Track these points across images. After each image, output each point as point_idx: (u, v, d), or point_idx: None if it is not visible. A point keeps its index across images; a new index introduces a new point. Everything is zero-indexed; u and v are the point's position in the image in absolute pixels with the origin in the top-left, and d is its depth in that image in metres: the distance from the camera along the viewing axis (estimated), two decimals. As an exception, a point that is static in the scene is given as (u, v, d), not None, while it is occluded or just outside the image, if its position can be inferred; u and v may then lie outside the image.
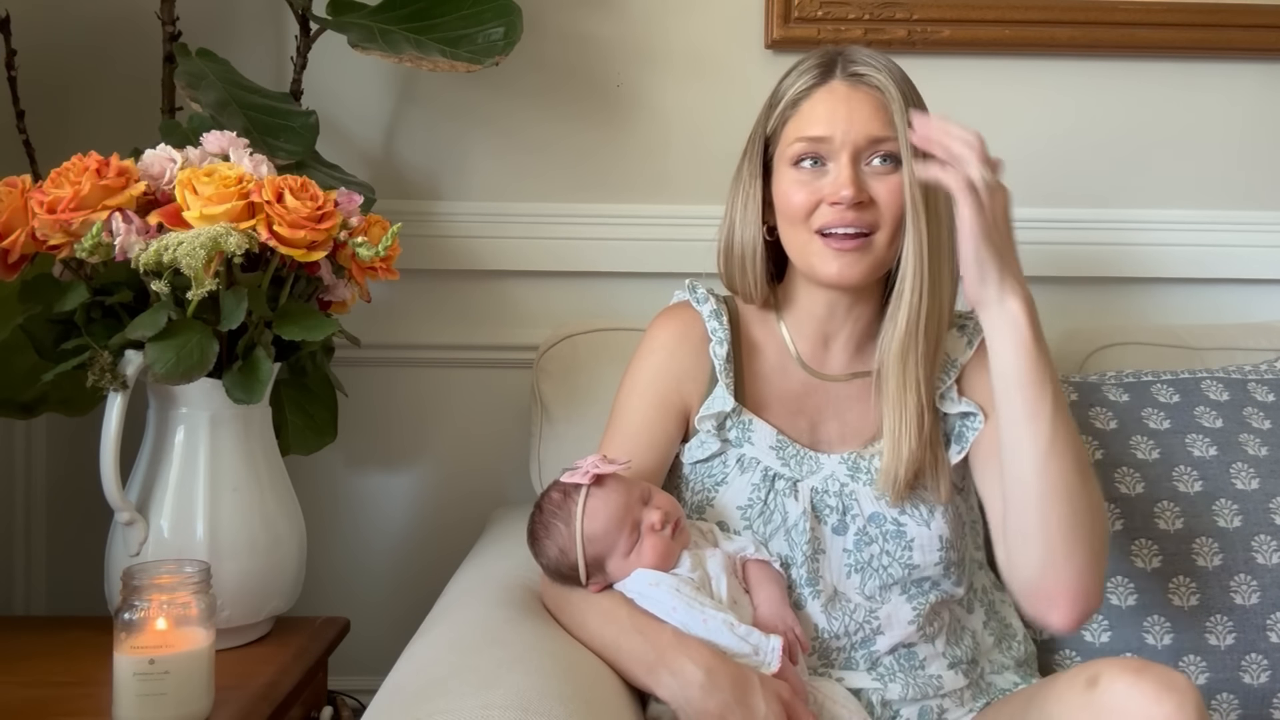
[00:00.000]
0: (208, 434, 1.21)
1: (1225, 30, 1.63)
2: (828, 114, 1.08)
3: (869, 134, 1.06)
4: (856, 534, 1.10)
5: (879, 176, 1.07)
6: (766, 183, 1.15)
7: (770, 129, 1.14)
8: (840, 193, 1.05)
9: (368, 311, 1.54)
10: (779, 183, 1.12)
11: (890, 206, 1.07)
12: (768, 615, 1.04)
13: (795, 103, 1.11)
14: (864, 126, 1.06)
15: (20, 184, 1.16)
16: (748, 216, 1.15)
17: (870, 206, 1.07)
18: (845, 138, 1.06)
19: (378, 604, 1.63)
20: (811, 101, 1.10)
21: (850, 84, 1.08)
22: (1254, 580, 1.25)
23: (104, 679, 1.03)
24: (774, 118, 1.13)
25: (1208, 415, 1.36)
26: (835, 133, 1.07)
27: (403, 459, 1.66)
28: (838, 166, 1.07)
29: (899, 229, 1.08)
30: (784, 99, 1.12)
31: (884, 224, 1.07)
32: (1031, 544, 1.00)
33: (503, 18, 1.41)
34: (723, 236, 1.17)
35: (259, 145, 1.29)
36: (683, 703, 0.94)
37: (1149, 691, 0.84)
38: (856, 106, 1.07)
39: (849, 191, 1.05)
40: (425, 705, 0.83)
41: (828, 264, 1.08)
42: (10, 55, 1.43)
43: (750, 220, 1.15)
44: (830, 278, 1.09)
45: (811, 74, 1.10)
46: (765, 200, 1.15)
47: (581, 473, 1.05)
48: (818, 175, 1.08)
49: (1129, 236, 1.65)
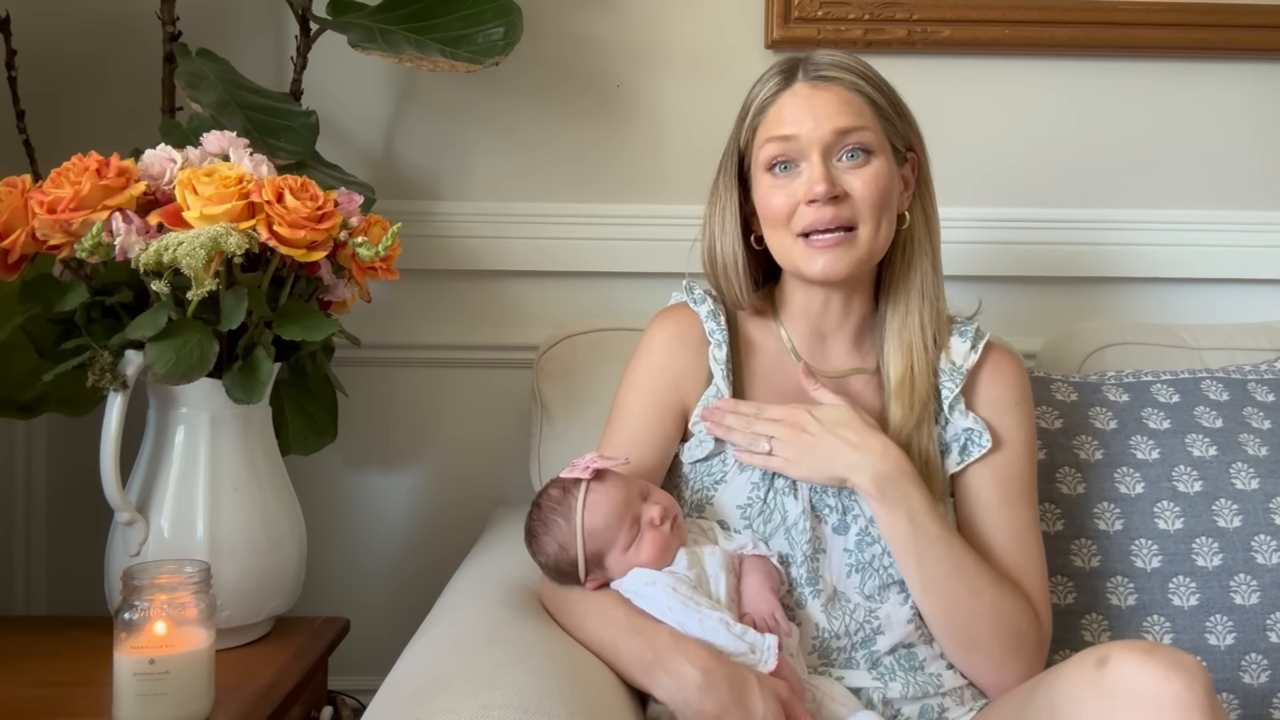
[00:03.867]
0: (208, 434, 1.21)
1: (1225, 30, 1.63)
2: (793, 114, 1.09)
3: (835, 127, 1.08)
4: (859, 534, 1.10)
5: (851, 170, 1.09)
6: (746, 195, 1.16)
7: (743, 141, 1.16)
8: (814, 189, 1.07)
9: (368, 311, 1.54)
10: (757, 190, 1.14)
11: (866, 198, 1.08)
12: (748, 600, 1.04)
13: (763, 109, 1.13)
14: (829, 121, 1.08)
15: (20, 184, 1.16)
16: (726, 229, 1.17)
17: (846, 200, 1.08)
18: (812, 134, 1.08)
19: (378, 604, 1.63)
20: (777, 105, 1.11)
21: (812, 84, 1.10)
22: (1254, 580, 1.25)
23: (104, 679, 1.03)
24: (744, 128, 1.15)
25: (1208, 415, 1.36)
26: (801, 130, 1.08)
27: (403, 459, 1.66)
28: (809, 165, 1.08)
29: (881, 218, 1.09)
30: (752, 108, 1.14)
31: (863, 217, 1.09)
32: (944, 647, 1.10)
33: (503, 18, 1.41)
34: (704, 249, 1.19)
35: (259, 145, 1.29)
36: (680, 704, 0.94)
37: (1159, 671, 0.84)
38: (820, 103, 1.09)
39: (822, 187, 1.06)
40: (425, 705, 0.83)
41: (812, 262, 1.10)
42: (10, 55, 1.43)
43: (729, 232, 1.16)
44: (816, 275, 1.10)
45: (775, 81, 1.13)
46: (750, 211, 1.16)
47: (581, 468, 1.05)
48: (792, 178, 1.10)
49: (1129, 236, 1.65)
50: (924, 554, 1.06)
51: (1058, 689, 0.91)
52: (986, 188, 1.65)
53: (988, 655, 1.07)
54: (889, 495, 1.06)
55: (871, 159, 1.09)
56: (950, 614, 1.07)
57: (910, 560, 1.06)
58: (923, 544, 1.06)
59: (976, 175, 1.64)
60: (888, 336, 1.16)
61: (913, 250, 1.16)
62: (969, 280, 1.51)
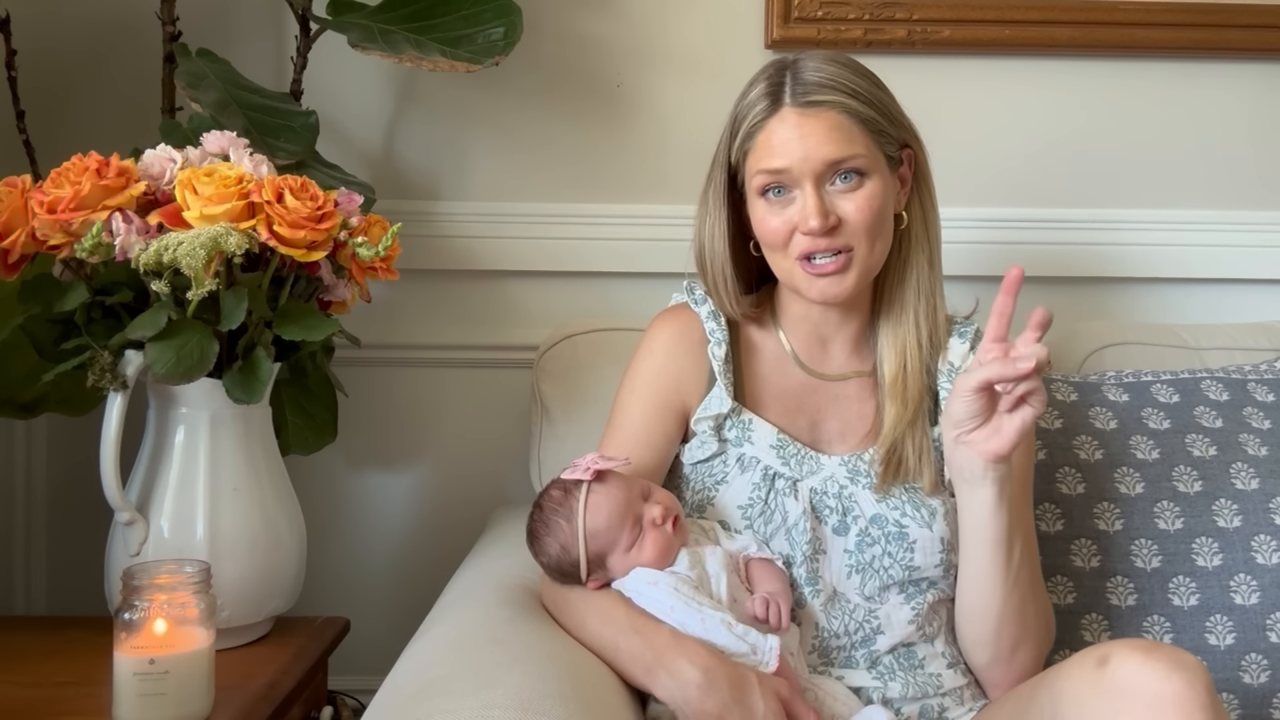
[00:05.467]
0: (208, 434, 1.21)
1: (1225, 30, 1.63)
2: (782, 146, 1.07)
3: (825, 158, 1.06)
4: (859, 535, 1.10)
5: (844, 195, 1.07)
6: (740, 207, 1.16)
7: (733, 159, 1.14)
8: (809, 223, 1.06)
9: (368, 311, 1.54)
10: (753, 211, 1.13)
11: (860, 223, 1.07)
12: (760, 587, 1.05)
13: (751, 135, 1.10)
14: (819, 152, 1.06)
15: (20, 184, 1.16)
16: (715, 244, 1.16)
17: (841, 228, 1.07)
18: (803, 166, 1.06)
19: (378, 604, 1.63)
20: (765, 133, 1.09)
21: (800, 110, 1.07)
22: (1254, 580, 1.25)
23: (104, 679, 1.03)
24: (735, 149, 1.13)
25: (1208, 415, 1.36)
26: (793, 163, 1.07)
27: (403, 459, 1.66)
28: (803, 195, 1.07)
29: (876, 238, 1.09)
30: (740, 130, 1.12)
31: (859, 240, 1.08)
32: (983, 648, 1.10)
33: (503, 18, 1.41)
34: (694, 256, 1.19)
35: (259, 145, 1.29)
36: (681, 703, 0.94)
37: (1160, 669, 0.84)
38: (809, 133, 1.06)
39: (816, 222, 1.06)
40: (425, 705, 0.83)
41: (811, 288, 1.10)
42: (10, 55, 1.43)
43: (719, 247, 1.16)
44: (816, 299, 1.11)
45: (762, 103, 1.09)
46: (743, 220, 1.16)
47: (582, 469, 1.05)
48: (786, 203, 1.09)
49: (1129, 236, 1.65)
50: (1015, 542, 1.05)
51: (1059, 688, 0.91)
52: (986, 188, 1.65)
53: (1030, 651, 1.09)
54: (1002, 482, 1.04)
55: (865, 180, 1.07)
56: (1024, 609, 1.07)
57: (1014, 551, 1.05)
58: (1017, 533, 1.06)
59: (976, 175, 1.64)
60: (882, 334, 1.16)
61: (909, 248, 1.15)
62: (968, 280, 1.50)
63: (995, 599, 1.06)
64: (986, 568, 1.06)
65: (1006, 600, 1.06)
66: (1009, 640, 1.08)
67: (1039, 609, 1.10)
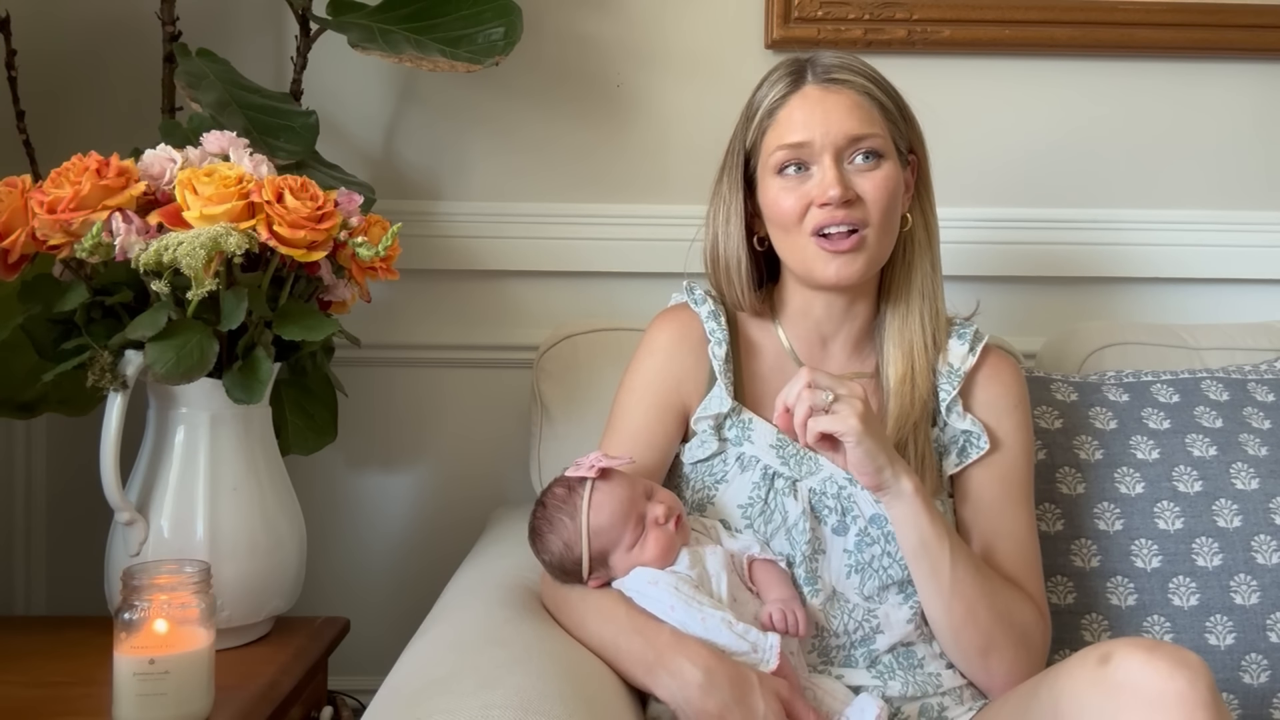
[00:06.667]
0: (208, 434, 1.21)
1: (1225, 30, 1.63)
2: (804, 119, 1.09)
3: (847, 133, 1.08)
4: (858, 535, 1.10)
5: (863, 173, 1.09)
6: (750, 196, 1.16)
7: (750, 142, 1.15)
8: (828, 193, 1.07)
9: (368, 311, 1.54)
10: (766, 193, 1.13)
11: (877, 201, 1.09)
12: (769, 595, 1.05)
13: (771, 112, 1.12)
14: (841, 126, 1.08)
15: (20, 184, 1.16)
16: (730, 230, 1.16)
17: (858, 203, 1.08)
18: (825, 140, 1.08)
19: (378, 604, 1.63)
20: (788, 109, 1.11)
21: (823, 87, 1.10)
22: (1254, 580, 1.25)
23: (104, 679, 1.03)
24: (752, 130, 1.15)
25: (1208, 415, 1.36)
26: (814, 136, 1.08)
27: (403, 459, 1.66)
28: (821, 169, 1.08)
29: (888, 222, 1.10)
30: (760, 110, 1.13)
31: (873, 219, 1.09)
32: (953, 655, 1.10)
33: (503, 18, 1.41)
34: (707, 249, 1.19)
35: (259, 145, 1.29)
36: (682, 703, 0.94)
37: (1162, 668, 0.84)
38: (832, 107, 1.09)
39: (836, 191, 1.07)
40: (425, 705, 0.83)
41: (825, 267, 1.10)
42: (10, 55, 1.43)
43: (734, 234, 1.16)
44: (829, 280, 1.10)
45: (783, 83, 1.12)
46: (752, 212, 1.16)
47: (586, 467, 1.05)
48: (803, 180, 1.10)
49: (1129, 236, 1.65)
50: (956, 556, 1.05)
51: (1060, 687, 0.91)
52: (986, 187, 1.65)
53: (1002, 657, 1.07)
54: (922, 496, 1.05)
55: (882, 162, 1.09)
56: (973, 616, 1.06)
57: (942, 562, 1.05)
58: (954, 545, 1.06)
59: (976, 175, 1.64)
60: (888, 336, 1.16)
61: (913, 251, 1.16)
62: (968, 280, 1.51)
63: (935, 608, 1.07)
64: (917, 578, 1.07)
65: (949, 609, 1.06)
66: (972, 647, 1.07)
67: (997, 616, 1.07)
